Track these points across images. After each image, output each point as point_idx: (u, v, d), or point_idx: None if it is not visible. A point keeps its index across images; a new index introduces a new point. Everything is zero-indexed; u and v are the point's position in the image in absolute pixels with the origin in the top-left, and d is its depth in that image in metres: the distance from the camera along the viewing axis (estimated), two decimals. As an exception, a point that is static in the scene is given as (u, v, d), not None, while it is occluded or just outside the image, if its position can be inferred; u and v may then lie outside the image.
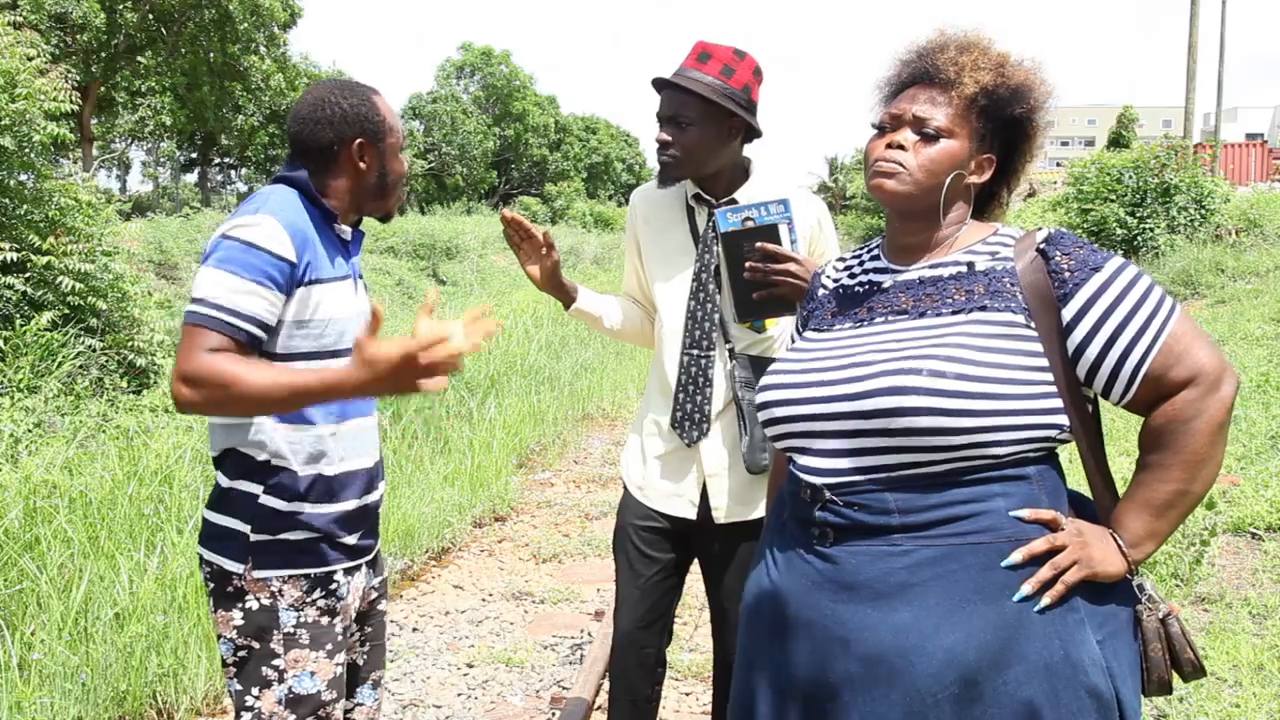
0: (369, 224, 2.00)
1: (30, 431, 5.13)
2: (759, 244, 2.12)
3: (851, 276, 1.65)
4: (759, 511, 2.30)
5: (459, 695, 3.57)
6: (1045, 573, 1.35)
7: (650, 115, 2.34)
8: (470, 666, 3.81)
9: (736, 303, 2.21)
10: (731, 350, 2.29)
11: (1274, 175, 25.74)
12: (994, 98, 1.51)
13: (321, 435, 1.82)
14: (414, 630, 4.14)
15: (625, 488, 2.44)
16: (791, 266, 2.09)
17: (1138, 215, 15.88)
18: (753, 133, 2.30)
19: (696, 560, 2.46)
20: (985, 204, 1.63)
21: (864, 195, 51.74)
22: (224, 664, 1.84)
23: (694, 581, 2.61)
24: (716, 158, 2.27)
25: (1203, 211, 15.89)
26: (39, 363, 6.06)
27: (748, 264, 2.13)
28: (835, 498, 1.43)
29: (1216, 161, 22.46)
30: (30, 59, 7.07)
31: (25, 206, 6.90)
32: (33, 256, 6.62)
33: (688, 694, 3.54)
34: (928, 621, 1.35)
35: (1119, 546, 1.39)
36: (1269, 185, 22.57)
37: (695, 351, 2.30)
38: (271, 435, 1.79)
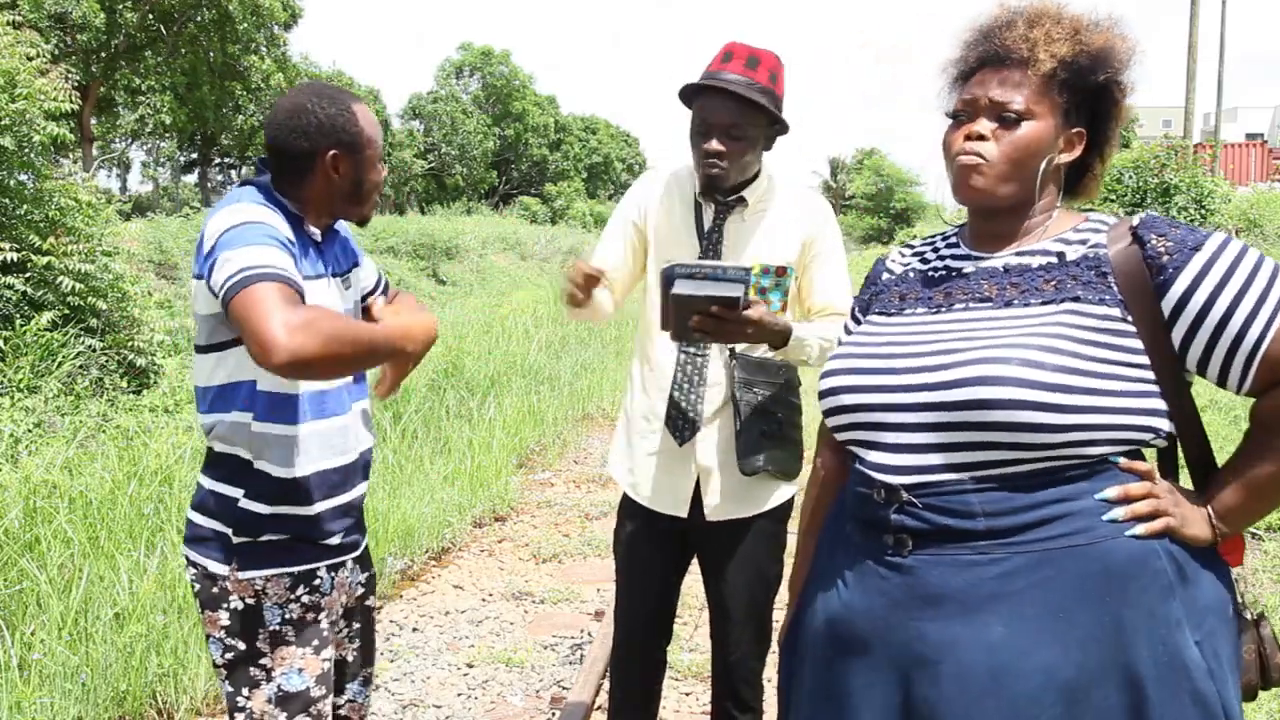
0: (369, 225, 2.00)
1: (30, 431, 5.13)
2: (714, 309, 1.88)
3: (924, 261, 1.53)
4: (754, 509, 2.30)
5: (459, 695, 3.57)
6: (1143, 507, 1.26)
7: (650, 114, 2.40)
8: (470, 666, 3.81)
9: (673, 326, 1.96)
10: (733, 350, 2.29)
11: (1274, 175, 25.73)
12: (1074, 69, 1.39)
13: (301, 434, 1.81)
14: (414, 630, 4.14)
15: (621, 486, 2.45)
16: (747, 328, 1.94)
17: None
18: (783, 133, 2.28)
19: (696, 559, 2.46)
20: (1077, 179, 1.50)
21: (863, 195, 51.69)
22: (215, 666, 1.85)
23: (694, 582, 2.61)
24: (757, 162, 2.25)
25: (1203, 211, 15.90)
26: (39, 363, 6.06)
27: (696, 319, 1.89)
28: (913, 498, 1.30)
29: (1216, 161, 22.46)
30: (30, 59, 7.07)
31: (25, 206, 6.90)
32: (33, 256, 6.61)
33: (688, 694, 3.53)
34: (1023, 637, 1.23)
35: (1209, 516, 1.30)
36: (1269, 185, 22.58)
37: (692, 350, 2.29)
38: (254, 434, 1.79)
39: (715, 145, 2.16)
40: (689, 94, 2.20)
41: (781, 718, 1.56)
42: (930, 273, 1.49)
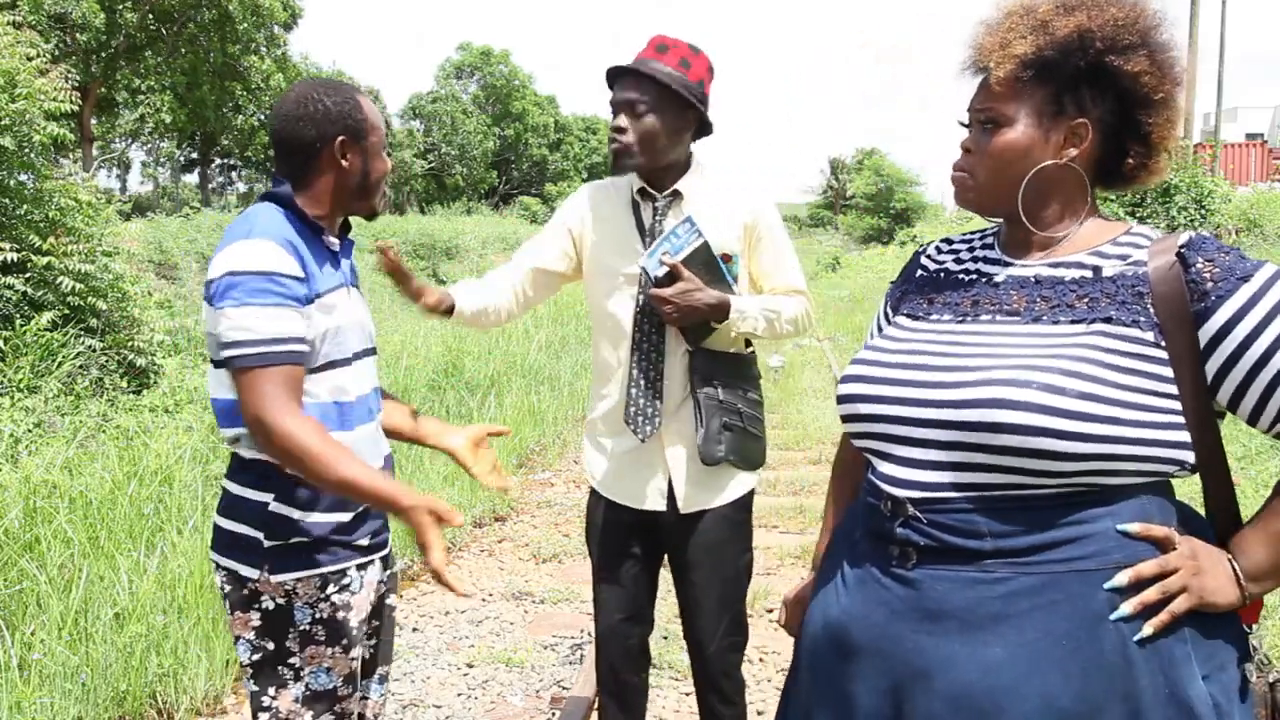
0: (367, 224, 2.00)
1: (30, 431, 5.13)
2: (653, 290, 2.21)
3: (958, 262, 1.48)
4: (722, 499, 2.35)
5: (459, 695, 3.57)
6: (1151, 594, 1.19)
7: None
8: (470, 666, 3.81)
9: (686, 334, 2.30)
10: (689, 347, 2.30)
11: (1274, 175, 25.73)
12: (1040, 64, 1.31)
13: (343, 440, 1.82)
14: (414, 630, 4.15)
15: (591, 486, 2.47)
16: (665, 293, 2.18)
17: (1137, 215, 15.88)
18: (705, 128, 2.32)
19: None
20: (1117, 174, 1.39)
21: (863, 195, 51.73)
22: (242, 665, 1.85)
23: (694, 581, 2.62)
24: (671, 149, 2.28)
25: (1203, 212, 15.91)
26: (39, 363, 6.06)
27: (667, 294, 2.20)
28: (919, 513, 1.27)
29: (1216, 161, 22.46)
30: (30, 59, 7.07)
31: (25, 206, 6.90)
32: (33, 256, 6.62)
33: (687, 694, 3.53)
34: (1022, 660, 1.19)
35: (1235, 574, 1.23)
36: (1269, 185, 22.58)
37: (646, 346, 2.31)
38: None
39: (618, 122, 2.26)
40: (610, 86, 2.31)
41: (780, 714, 1.53)
42: (961, 275, 1.44)
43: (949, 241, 1.54)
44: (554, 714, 3.40)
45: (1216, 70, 26.24)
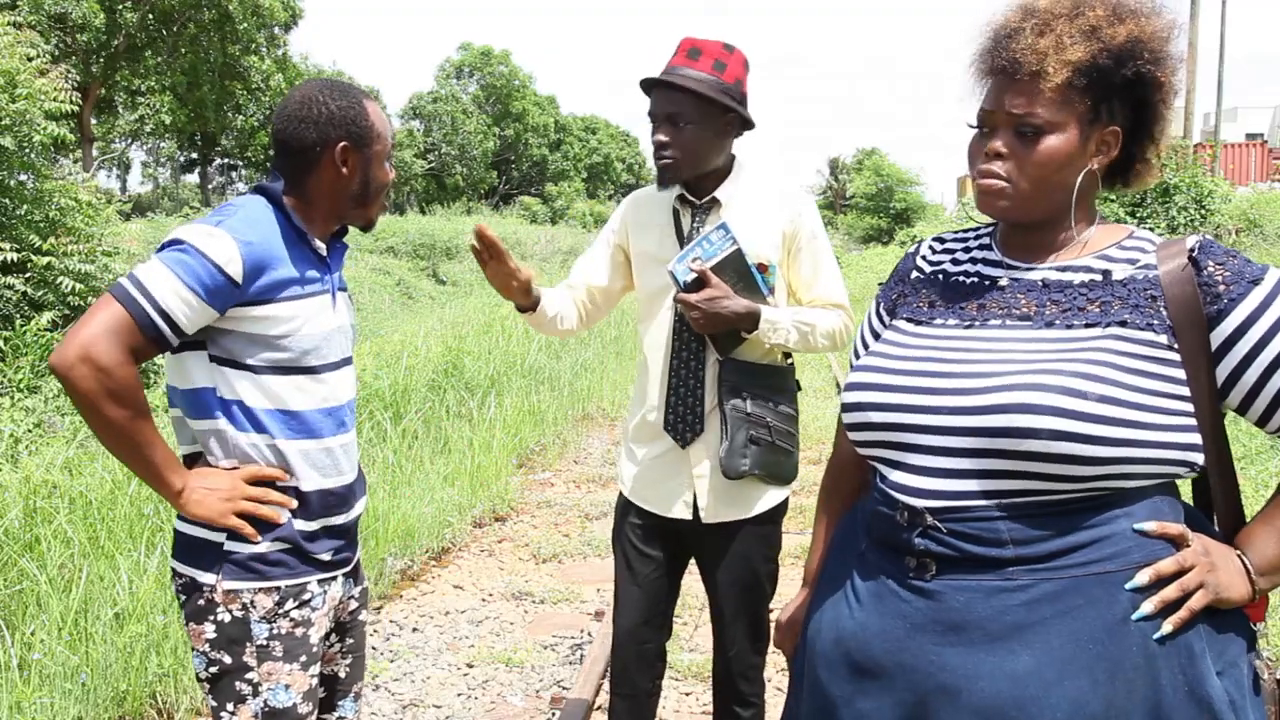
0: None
1: (30, 431, 5.14)
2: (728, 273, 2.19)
3: (955, 264, 1.45)
4: (747, 512, 2.32)
5: (459, 695, 3.57)
6: (1171, 592, 1.20)
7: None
8: (470, 666, 3.81)
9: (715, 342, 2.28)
10: (720, 357, 2.29)
11: (1274, 175, 25.72)
12: (1094, 72, 1.28)
13: (289, 451, 1.78)
14: (414, 630, 4.14)
15: (620, 490, 2.46)
16: (692, 297, 2.16)
17: (1137, 215, 15.89)
18: (746, 125, 2.30)
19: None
20: (1124, 169, 1.39)
21: (863, 195, 51.72)
22: (199, 679, 1.80)
23: (695, 582, 2.62)
24: (716, 155, 2.27)
25: (1203, 212, 15.91)
26: (39, 363, 6.07)
27: (694, 299, 2.19)
28: (938, 523, 1.24)
29: (1216, 161, 22.45)
30: (30, 59, 7.08)
31: (25, 207, 6.92)
32: (33, 257, 6.63)
33: (688, 694, 3.54)
34: (1049, 668, 1.18)
35: (1245, 569, 1.25)
36: (1269, 185, 22.57)
37: (685, 354, 2.30)
38: (235, 444, 1.75)
39: (660, 136, 2.23)
40: (645, 93, 2.29)
41: None
42: (961, 278, 1.41)
43: (941, 240, 1.52)
44: (554, 714, 3.40)
45: (1216, 70, 26.23)
